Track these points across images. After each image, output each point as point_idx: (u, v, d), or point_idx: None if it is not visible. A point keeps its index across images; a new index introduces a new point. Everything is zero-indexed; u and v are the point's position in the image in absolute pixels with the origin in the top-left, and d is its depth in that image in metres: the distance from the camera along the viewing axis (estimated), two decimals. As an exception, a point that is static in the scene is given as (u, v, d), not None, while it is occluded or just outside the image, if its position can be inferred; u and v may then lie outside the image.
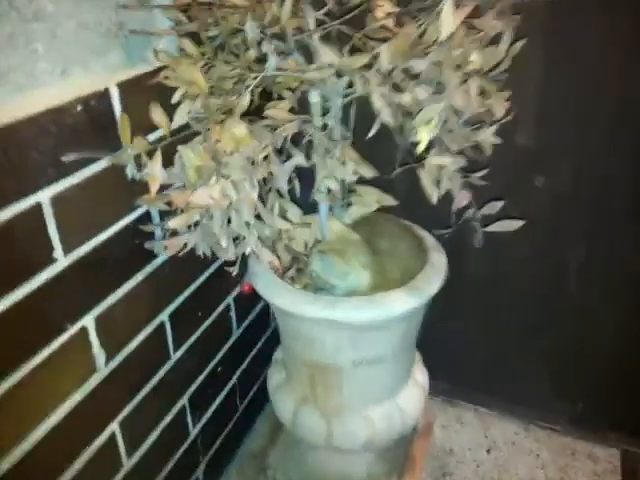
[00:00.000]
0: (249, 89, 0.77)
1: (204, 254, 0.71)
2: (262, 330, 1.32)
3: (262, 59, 0.75)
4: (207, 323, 1.06)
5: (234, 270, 0.76)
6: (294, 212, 0.83)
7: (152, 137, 0.78)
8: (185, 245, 0.71)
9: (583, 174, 1.06)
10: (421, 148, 0.61)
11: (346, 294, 0.88)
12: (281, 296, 0.88)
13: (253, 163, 0.66)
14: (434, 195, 0.75)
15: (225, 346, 1.15)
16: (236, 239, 0.70)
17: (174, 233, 0.73)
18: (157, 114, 0.64)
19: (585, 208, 1.09)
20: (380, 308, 0.84)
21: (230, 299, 1.14)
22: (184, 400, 1.03)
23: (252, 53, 0.84)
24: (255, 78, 0.76)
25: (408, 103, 0.61)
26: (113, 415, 0.85)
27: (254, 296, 1.15)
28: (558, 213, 1.12)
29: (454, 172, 0.72)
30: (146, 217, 0.83)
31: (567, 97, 1.01)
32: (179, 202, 0.64)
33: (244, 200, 0.63)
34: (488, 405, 1.36)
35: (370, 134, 0.61)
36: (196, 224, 0.69)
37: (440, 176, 0.73)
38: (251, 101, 0.74)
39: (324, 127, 0.72)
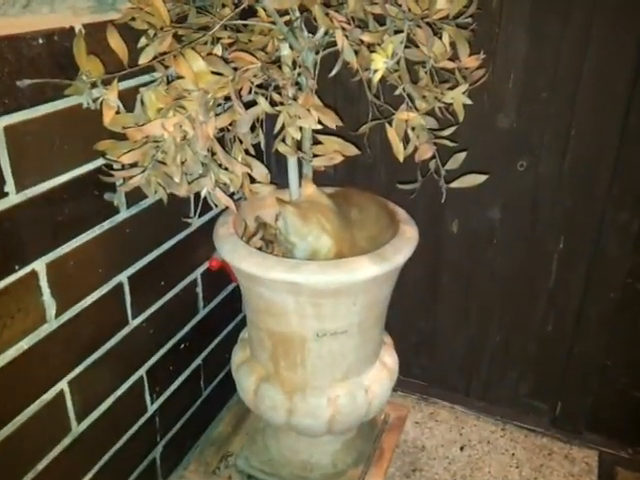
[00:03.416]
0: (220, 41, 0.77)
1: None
2: (231, 315, 1.28)
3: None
4: (170, 295, 1.03)
5: (192, 220, 0.74)
6: (261, 171, 0.81)
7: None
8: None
9: (566, 158, 1.05)
10: (376, 78, 0.59)
11: (310, 258, 0.86)
12: (245, 259, 0.85)
13: (214, 102, 0.64)
14: (401, 152, 0.73)
15: (189, 323, 1.11)
16: (191, 183, 0.68)
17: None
18: (114, 39, 0.62)
19: (568, 193, 1.07)
20: (342, 273, 0.82)
21: (197, 275, 1.11)
22: (142, 372, 0.99)
23: (227, 10, 0.84)
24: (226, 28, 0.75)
25: (370, 41, 0.60)
26: (63, 372, 0.82)
27: (223, 277, 1.13)
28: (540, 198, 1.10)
29: (422, 129, 0.71)
30: (108, 170, 0.81)
31: (550, 77, 1.00)
32: (134, 136, 0.62)
33: (199, 136, 0.61)
34: (465, 404, 1.32)
35: (332, 73, 0.59)
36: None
37: (408, 133, 0.72)
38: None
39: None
